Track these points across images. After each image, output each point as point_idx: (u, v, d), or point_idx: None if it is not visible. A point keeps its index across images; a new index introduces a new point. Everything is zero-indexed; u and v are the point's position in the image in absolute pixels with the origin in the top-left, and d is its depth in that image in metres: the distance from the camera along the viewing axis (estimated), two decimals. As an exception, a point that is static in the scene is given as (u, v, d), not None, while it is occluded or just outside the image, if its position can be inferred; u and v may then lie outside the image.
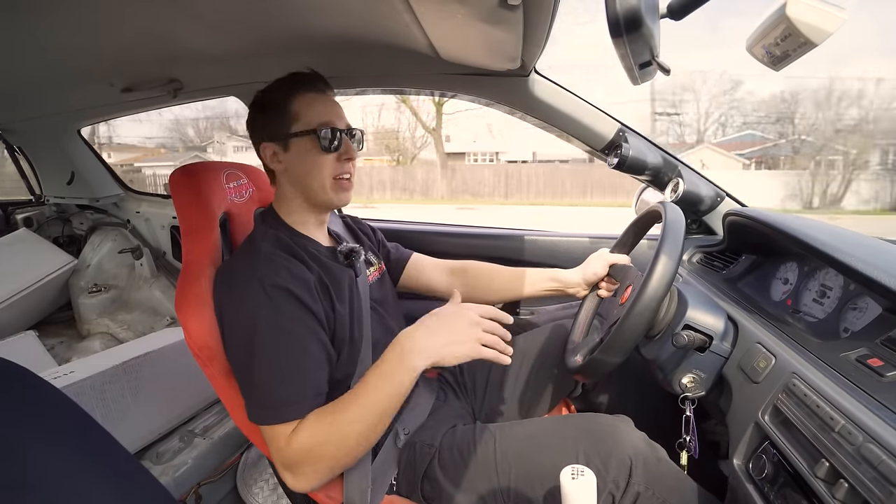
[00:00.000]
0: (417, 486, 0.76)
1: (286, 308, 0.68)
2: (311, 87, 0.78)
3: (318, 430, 0.64)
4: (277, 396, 0.65)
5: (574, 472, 0.59)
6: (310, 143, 0.76)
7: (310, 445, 0.64)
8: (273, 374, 0.65)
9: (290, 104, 0.76)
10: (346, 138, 0.79)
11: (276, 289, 0.68)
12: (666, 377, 0.75)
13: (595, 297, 0.99)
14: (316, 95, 0.78)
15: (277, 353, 0.66)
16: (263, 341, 0.66)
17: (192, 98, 1.42)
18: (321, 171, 0.77)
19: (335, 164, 0.78)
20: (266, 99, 0.79)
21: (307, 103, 0.77)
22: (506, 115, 1.23)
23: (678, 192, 1.10)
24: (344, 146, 0.78)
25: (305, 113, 0.76)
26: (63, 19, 0.84)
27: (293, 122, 0.76)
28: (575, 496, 0.58)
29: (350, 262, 0.83)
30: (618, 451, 0.67)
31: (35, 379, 0.43)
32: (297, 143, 0.77)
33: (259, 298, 0.67)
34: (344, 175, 0.79)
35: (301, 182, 0.79)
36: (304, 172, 0.78)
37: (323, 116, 0.77)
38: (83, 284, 2.09)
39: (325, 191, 0.78)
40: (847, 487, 0.46)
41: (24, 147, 2.02)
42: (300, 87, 0.77)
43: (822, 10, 0.53)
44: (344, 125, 0.79)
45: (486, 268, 1.06)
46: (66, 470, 0.39)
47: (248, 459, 1.29)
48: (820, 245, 0.70)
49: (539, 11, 0.65)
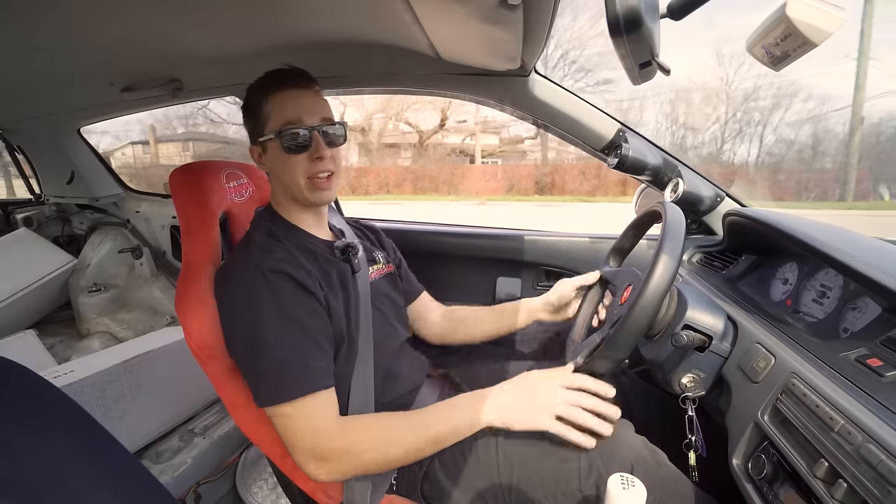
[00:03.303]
0: (417, 485, 0.76)
1: (285, 291, 0.68)
2: (284, 85, 0.76)
3: (370, 431, 0.68)
4: (290, 374, 0.65)
5: (624, 482, 0.57)
6: (277, 145, 0.75)
7: (355, 440, 0.67)
8: (282, 355, 0.66)
9: (263, 106, 0.76)
10: (316, 135, 0.75)
11: (273, 273, 0.68)
12: (665, 377, 0.75)
13: (595, 298, 0.99)
14: (288, 92, 0.76)
15: (282, 334, 0.66)
16: (266, 326, 0.66)
17: (192, 98, 1.42)
18: (293, 172, 0.76)
19: (307, 163, 0.76)
20: (246, 102, 0.80)
21: (278, 103, 0.75)
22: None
23: (678, 192, 1.10)
24: (314, 144, 0.75)
25: (275, 114, 0.75)
26: (63, 19, 0.84)
27: (265, 125, 0.76)
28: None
29: (346, 257, 0.82)
30: (619, 454, 0.67)
31: (35, 378, 0.43)
32: (269, 146, 0.77)
33: (258, 285, 0.67)
34: (319, 175, 0.77)
35: (281, 183, 0.79)
36: (280, 174, 0.78)
37: (290, 115, 0.74)
38: (83, 284, 2.09)
39: (302, 191, 0.78)
40: (846, 487, 0.46)
41: (24, 147, 2.03)
42: (272, 85, 0.76)
43: (822, 10, 0.53)
44: (317, 120, 0.76)
45: (472, 311, 1.05)
46: (66, 469, 0.39)
47: (247, 459, 1.29)
48: (820, 245, 0.70)
49: (539, 11, 0.66)
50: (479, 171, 15.52)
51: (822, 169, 12.57)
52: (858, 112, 10.62)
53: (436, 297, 1.08)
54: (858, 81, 10.38)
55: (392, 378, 0.83)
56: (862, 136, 10.60)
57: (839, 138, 12.00)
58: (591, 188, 13.30)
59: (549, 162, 14.72)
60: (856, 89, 10.47)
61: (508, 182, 14.30)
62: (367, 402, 0.77)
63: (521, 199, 13.53)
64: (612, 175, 12.89)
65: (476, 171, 15.47)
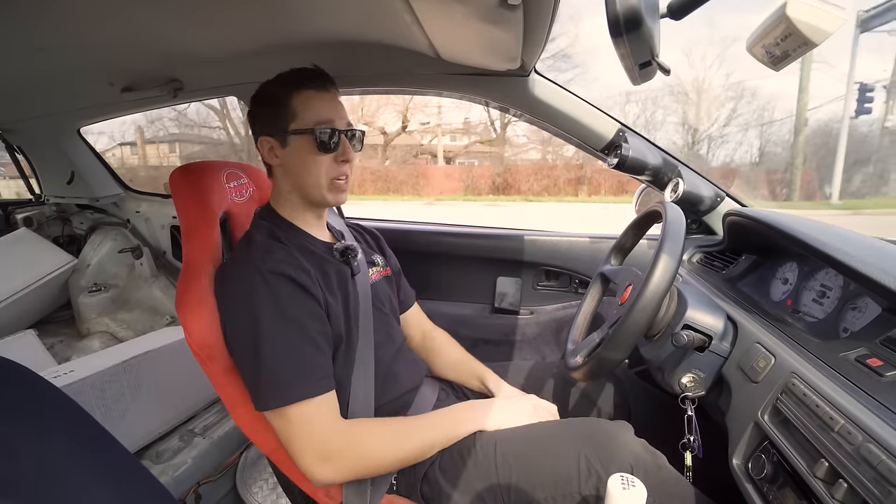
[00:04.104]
0: (417, 486, 0.76)
1: (285, 293, 0.68)
2: (313, 84, 0.76)
3: (372, 433, 0.71)
4: (289, 377, 0.65)
5: (624, 482, 0.57)
6: (307, 141, 0.75)
7: (358, 442, 0.68)
8: (281, 357, 0.66)
9: (290, 100, 0.76)
10: (344, 139, 0.77)
11: (273, 274, 0.68)
12: (665, 377, 0.75)
13: (594, 298, 0.99)
14: (317, 93, 0.77)
15: (281, 336, 0.66)
16: (266, 328, 0.66)
17: (192, 98, 1.42)
18: (318, 170, 0.76)
19: (332, 164, 0.77)
20: (267, 93, 0.78)
21: (307, 100, 0.76)
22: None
23: (678, 192, 1.10)
24: (342, 147, 0.77)
25: (304, 110, 0.75)
26: (63, 19, 0.84)
27: (292, 120, 0.75)
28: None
29: (346, 259, 0.82)
30: (618, 457, 0.67)
31: (35, 378, 0.43)
32: (294, 140, 0.76)
33: (257, 286, 0.67)
34: (340, 177, 0.78)
35: (297, 179, 0.79)
36: (300, 171, 0.77)
37: (322, 115, 0.76)
38: (83, 284, 2.09)
39: (321, 191, 0.78)
40: (846, 487, 0.46)
41: (24, 147, 2.02)
42: (302, 83, 0.76)
43: (822, 10, 0.53)
44: (344, 125, 0.78)
45: (445, 345, 1.04)
46: (66, 469, 0.39)
47: (247, 459, 1.29)
48: (820, 245, 0.70)
49: (539, 11, 0.66)
50: (442, 171, 16.26)
51: (769, 170, 13.10)
52: (802, 114, 11.17)
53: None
54: (802, 83, 10.96)
55: (392, 378, 0.83)
56: (806, 138, 11.20)
57: (785, 140, 12.70)
58: (541, 188, 14.09)
59: (503, 162, 15.49)
60: (800, 91, 11.04)
61: (465, 183, 15.00)
62: (368, 401, 0.77)
63: (471, 199, 14.23)
64: (564, 175, 13.88)
65: (438, 172, 16.18)
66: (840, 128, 10.38)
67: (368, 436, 0.70)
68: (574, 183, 13.86)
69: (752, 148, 14.20)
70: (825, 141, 11.11)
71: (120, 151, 14.84)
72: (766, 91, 14.97)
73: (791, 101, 14.53)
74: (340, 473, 0.67)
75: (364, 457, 0.69)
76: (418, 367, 0.92)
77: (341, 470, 0.67)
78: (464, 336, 1.08)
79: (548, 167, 14.35)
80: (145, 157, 15.08)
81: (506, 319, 1.47)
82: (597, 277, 0.99)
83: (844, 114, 10.27)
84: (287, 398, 0.65)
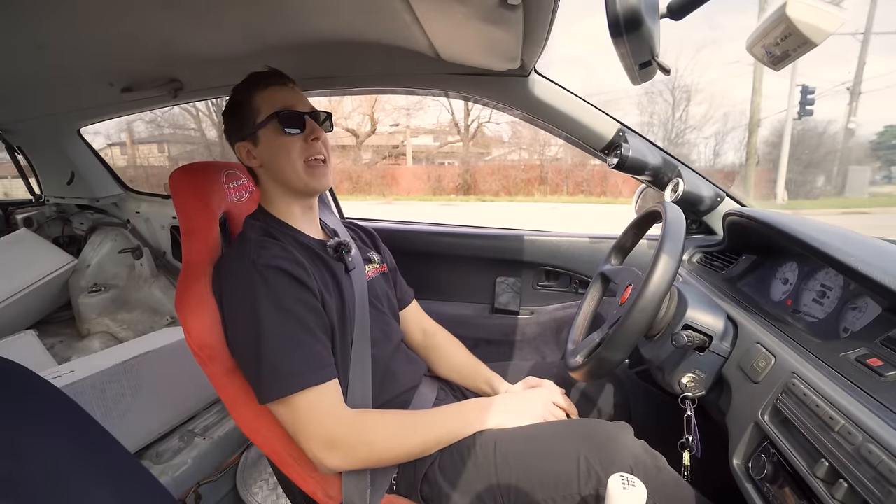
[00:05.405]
0: (417, 486, 0.76)
1: (281, 286, 0.69)
2: (272, 81, 0.79)
3: (378, 422, 0.72)
4: (291, 366, 0.66)
5: (624, 482, 0.57)
6: (274, 128, 0.77)
7: (365, 429, 0.70)
8: (281, 348, 0.66)
9: (252, 100, 0.78)
10: (309, 119, 0.79)
11: (268, 268, 0.69)
12: (665, 377, 0.75)
13: (595, 298, 0.99)
14: (276, 87, 0.79)
15: (281, 329, 0.67)
16: (265, 321, 0.66)
17: (192, 98, 1.42)
18: (289, 154, 0.78)
19: (303, 145, 0.78)
20: (233, 102, 0.81)
21: (268, 96, 0.79)
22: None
23: (678, 192, 1.10)
24: (308, 126, 0.79)
25: (266, 103, 0.78)
26: (63, 19, 0.84)
27: (257, 115, 0.78)
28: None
29: (339, 255, 0.83)
30: (618, 458, 0.67)
31: (35, 378, 0.43)
32: (263, 133, 0.78)
33: (254, 281, 0.68)
34: (315, 156, 0.79)
35: (275, 172, 0.80)
36: (275, 161, 0.79)
37: (284, 102, 0.78)
38: (83, 284, 2.09)
39: (299, 175, 0.79)
40: (846, 487, 0.46)
41: (24, 147, 2.02)
42: (260, 82, 0.79)
43: (822, 10, 0.53)
44: (307, 108, 0.81)
45: (450, 347, 1.04)
46: (66, 469, 0.39)
47: (247, 459, 1.29)
48: (820, 245, 0.70)
49: (539, 11, 0.66)
50: (411, 171, 16.74)
51: (724, 170, 13.50)
52: (756, 114, 11.49)
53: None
54: (755, 86, 11.29)
55: (390, 376, 0.83)
56: (764, 138, 11.64)
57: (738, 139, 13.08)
58: (498, 188, 14.69)
59: (466, 162, 16.03)
60: (753, 93, 11.39)
61: (431, 182, 15.53)
62: (366, 400, 0.77)
63: (424, 198, 14.75)
64: (521, 175, 14.40)
65: (406, 172, 16.64)
66: (784, 129, 10.77)
67: (374, 425, 0.71)
68: (528, 182, 14.37)
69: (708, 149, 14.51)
70: (779, 141, 11.37)
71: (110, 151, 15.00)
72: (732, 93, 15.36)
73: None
74: (347, 461, 0.69)
75: (370, 444, 0.69)
76: (417, 366, 0.92)
77: (348, 457, 0.68)
78: (464, 336, 1.08)
79: (506, 167, 14.93)
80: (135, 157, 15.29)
81: (505, 319, 1.47)
82: (597, 277, 0.99)
83: (787, 116, 10.65)
84: (290, 387, 0.65)
